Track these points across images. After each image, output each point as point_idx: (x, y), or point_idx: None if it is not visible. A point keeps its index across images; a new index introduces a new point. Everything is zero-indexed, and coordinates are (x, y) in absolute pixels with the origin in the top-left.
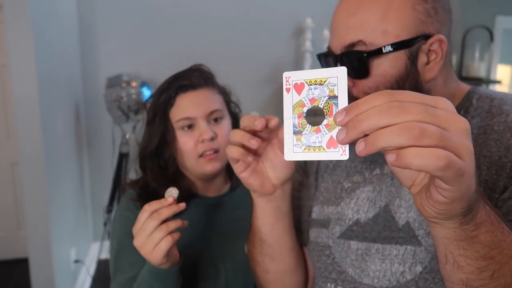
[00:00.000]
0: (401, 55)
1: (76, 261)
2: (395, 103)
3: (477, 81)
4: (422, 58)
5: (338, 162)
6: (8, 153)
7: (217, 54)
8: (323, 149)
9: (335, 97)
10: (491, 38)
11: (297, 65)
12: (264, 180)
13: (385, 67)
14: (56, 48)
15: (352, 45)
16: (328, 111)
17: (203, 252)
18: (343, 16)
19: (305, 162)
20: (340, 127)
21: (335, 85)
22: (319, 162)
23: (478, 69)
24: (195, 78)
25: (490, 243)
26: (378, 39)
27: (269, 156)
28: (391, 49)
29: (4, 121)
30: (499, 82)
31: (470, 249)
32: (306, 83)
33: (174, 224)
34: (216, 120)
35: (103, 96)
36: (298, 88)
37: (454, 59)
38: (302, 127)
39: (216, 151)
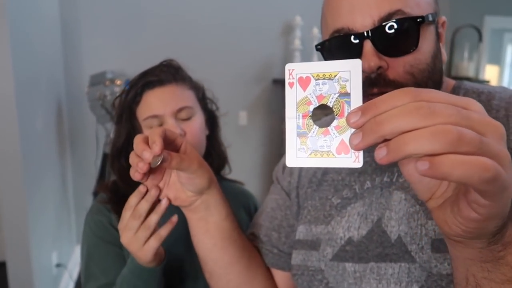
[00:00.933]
0: (433, 29)
1: (58, 265)
2: (423, 103)
3: (466, 81)
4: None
5: (324, 176)
6: None
7: (205, 52)
8: (332, 154)
9: (347, 94)
10: (480, 38)
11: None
12: (178, 192)
13: (426, 40)
14: (37, 44)
15: (390, 15)
16: (339, 110)
17: (183, 254)
18: None
19: (284, 178)
20: (353, 130)
21: (347, 81)
22: (299, 177)
23: (467, 69)
24: (163, 73)
25: None
26: (414, 10)
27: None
28: (431, 19)
29: None
30: (487, 82)
31: (496, 271)
32: (313, 77)
33: (154, 218)
34: (185, 117)
35: (86, 94)
36: (303, 82)
37: None
38: (307, 129)
39: None
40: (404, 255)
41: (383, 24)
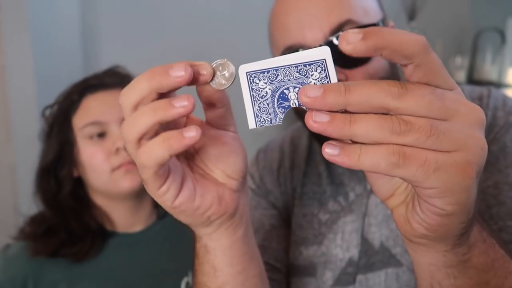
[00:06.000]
0: None
1: None
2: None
3: (488, 84)
4: None
5: (303, 188)
6: (8, 156)
7: (225, 54)
8: None
9: None
10: (503, 40)
11: None
12: (217, 191)
13: None
14: (57, 48)
15: (341, 26)
16: None
17: None
18: None
19: (278, 182)
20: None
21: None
22: (292, 180)
23: (490, 72)
24: (107, 77)
25: (484, 265)
26: (363, 18)
27: (207, 145)
28: (382, 25)
29: (4, 123)
30: (511, 86)
31: (462, 277)
32: None
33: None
34: None
35: None
36: None
37: (466, 61)
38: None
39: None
40: (390, 260)
41: (335, 36)
